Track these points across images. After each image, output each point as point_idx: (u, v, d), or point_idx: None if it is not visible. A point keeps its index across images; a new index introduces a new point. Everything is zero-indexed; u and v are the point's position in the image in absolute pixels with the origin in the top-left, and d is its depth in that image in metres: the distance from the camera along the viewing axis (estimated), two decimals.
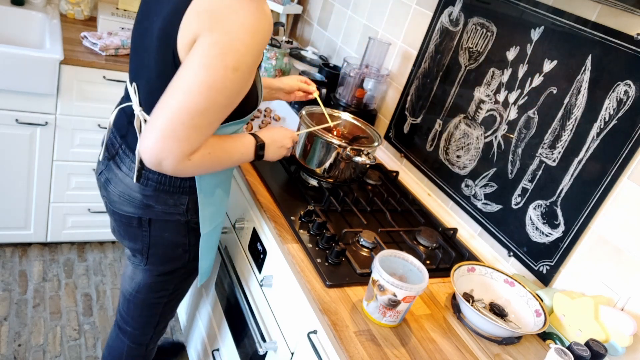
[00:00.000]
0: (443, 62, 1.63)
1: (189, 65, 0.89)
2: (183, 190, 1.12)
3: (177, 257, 1.24)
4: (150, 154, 0.93)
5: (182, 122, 0.90)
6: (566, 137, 1.24)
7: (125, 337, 1.41)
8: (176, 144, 0.91)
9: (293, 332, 1.20)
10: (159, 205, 1.13)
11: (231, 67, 0.89)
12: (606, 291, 1.14)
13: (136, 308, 1.35)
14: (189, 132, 0.91)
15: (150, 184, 1.11)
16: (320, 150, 1.41)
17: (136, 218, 1.15)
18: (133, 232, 1.18)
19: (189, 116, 0.90)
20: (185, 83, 0.89)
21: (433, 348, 1.05)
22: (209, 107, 0.91)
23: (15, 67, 1.76)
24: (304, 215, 1.31)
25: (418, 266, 1.09)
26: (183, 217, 1.16)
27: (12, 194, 2.03)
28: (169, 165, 0.94)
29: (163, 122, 0.90)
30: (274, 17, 2.61)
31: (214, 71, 0.88)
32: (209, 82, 0.88)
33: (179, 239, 1.20)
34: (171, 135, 0.91)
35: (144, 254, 1.22)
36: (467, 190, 1.51)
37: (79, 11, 2.23)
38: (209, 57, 0.88)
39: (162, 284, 1.30)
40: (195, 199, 1.14)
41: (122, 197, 1.14)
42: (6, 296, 2.00)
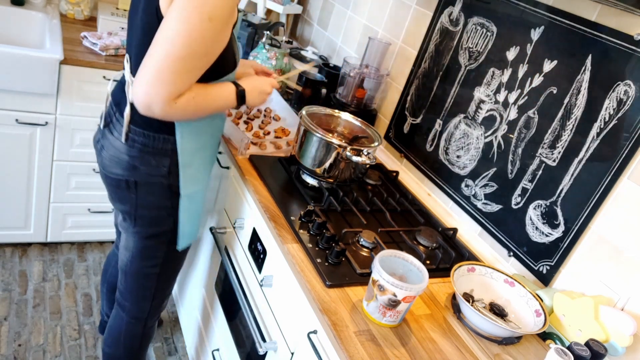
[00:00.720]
0: (443, 62, 1.63)
1: (170, 17, 1.01)
2: (165, 152, 1.21)
3: (162, 220, 1.30)
4: (141, 98, 1.05)
5: (166, 68, 1.02)
6: (566, 137, 1.24)
7: (124, 313, 1.47)
8: (162, 87, 1.03)
9: (293, 332, 1.20)
10: (143, 166, 1.21)
11: (206, 17, 0.99)
12: (606, 291, 1.15)
13: (132, 279, 1.41)
14: (173, 77, 1.03)
15: (136, 145, 1.20)
16: (320, 150, 1.41)
17: (124, 180, 1.24)
18: (122, 195, 1.27)
19: (172, 62, 1.01)
20: (167, 33, 1.01)
21: (433, 348, 1.05)
22: (189, 53, 1.02)
23: (15, 67, 1.76)
24: (304, 215, 1.31)
25: (418, 266, 1.09)
26: (165, 180, 1.24)
27: (12, 194, 2.03)
28: (158, 107, 1.05)
29: (150, 69, 1.02)
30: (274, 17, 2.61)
31: (191, 21, 0.99)
32: (188, 31, 1.00)
33: (162, 202, 1.27)
34: (157, 79, 1.02)
35: (131, 215, 1.29)
36: (467, 190, 1.51)
37: (79, 11, 2.23)
38: (186, 10, 0.99)
39: (152, 250, 1.35)
40: (176, 162, 1.22)
41: (112, 160, 1.24)
42: (6, 296, 2.00)
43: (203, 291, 1.80)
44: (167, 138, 1.20)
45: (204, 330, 1.77)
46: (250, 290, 1.44)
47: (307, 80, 1.90)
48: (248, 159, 1.55)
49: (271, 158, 1.58)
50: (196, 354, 1.83)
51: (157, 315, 1.53)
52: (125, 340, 1.50)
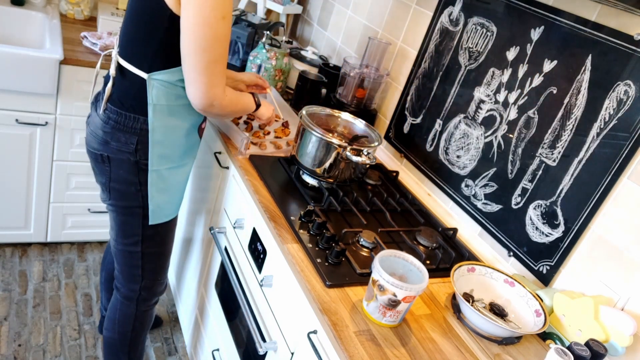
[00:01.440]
0: (443, 62, 1.63)
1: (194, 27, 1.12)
2: (134, 131, 1.29)
3: (131, 195, 1.38)
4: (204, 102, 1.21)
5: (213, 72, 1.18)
6: (566, 137, 1.24)
7: (118, 294, 1.55)
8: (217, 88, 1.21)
9: (293, 332, 1.20)
10: (113, 142, 1.30)
11: (221, 17, 1.12)
12: (606, 291, 1.14)
13: (119, 258, 1.49)
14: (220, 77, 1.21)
15: (110, 122, 1.29)
16: (320, 150, 1.41)
17: (99, 154, 1.33)
18: (100, 168, 1.37)
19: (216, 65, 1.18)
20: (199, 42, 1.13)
21: (433, 348, 1.05)
22: (221, 52, 1.18)
23: (15, 67, 1.76)
24: (304, 215, 1.31)
25: (418, 266, 1.09)
26: (132, 156, 1.32)
27: (12, 194, 2.03)
28: (218, 103, 1.23)
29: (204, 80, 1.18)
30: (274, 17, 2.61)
31: (213, 26, 1.12)
32: (215, 36, 1.13)
33: (130, 177, 1.35)
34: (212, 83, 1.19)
35: (106, 187, 1.39)
36: (467, 190, 1.51)
37: (79, 11, 2.23)
38: (205, 17, 1.11)
39: (129, 226, 1.42)
40: (143, 140, 1.30)
41: (92, 135, 1.34)
42: (6, 296, 2.00)
43: (203, 291, 1.80)
44: (137, 117, 1.28)
45: (203, 330, 1.77)
46: (250, 290, 1.44)
47: (307, 80, 1.90)
48: (248, 159, 1.55)
49: (271, 158, 1.58)
50: (196, 354, 1.83)
51: (150, 300, 1.58)
52: (120, 322, 1.56)
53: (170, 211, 1.46)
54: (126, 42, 1.25)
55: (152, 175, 1.35)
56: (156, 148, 1.32)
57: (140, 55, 1.23)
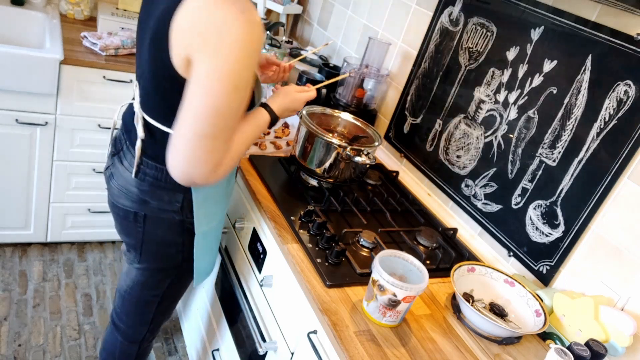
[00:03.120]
0: (443, 62, 1.63)
1: (194, 91, 0.93)
2: (179, 187, 1.13)
3: (170, 256, 1.25)
4: (182, 178, 1.00)
5: (199, 148, 0.95)
6: (566, 137, 1.24)
7: (118, 334, 1.43)
8: (200, 166, 0.97)
9: (293, 332, 1.20)
10: (154, 200, 1.15)
11: (232, 88, 0.93)
12: (606, 291, 1.14)
13: (130, 305, 1.36)
14: (209, 155, 0.97)
15: (147, 179, 1.13)
16: (320, 150, 1.41)
17: (132, 212, 1.17)
18: (129, 227, 1.21)
19: (205, 141, 0.95)
20: (194, 110, 0.94)
21: (433, 348, 1.05)
22: (221, 128, 0.96)
23: (15, 67, 1.76)
24: (304, 215, 1.31)
25: (418, 266, 1.09)
26: (178, 215, 1.17)
27: (12, 194, 2.03)
28: (201, 183, 1.01)
29: (184, 150, 0.96)
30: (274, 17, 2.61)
31: (218, 96, 0.92)
32: (215, 107, 0.93)
33: (172, 238, 1.21)
34: (193, 160, 0.97)
35: (137, 249, 1.24)
36: (467, 190, 1.51)
37: (79, 11, 2.23)
38: (211, 83, 0.91)
39: (156, 283, 1.30)
40: (190, 197, 1.15)
41: (121, 191, 1.17)
42: (6, 296, 2.00)
43: (203, 291, 1.80)
44: None
45: (204, 330, 1.77)
46: (250, 290, 1.44)
47: (307, 80, 1.90)
48: (248, 159, 1.55)
49: (271, 158, 1.58)
50: (196, 354, 1.83)
51: (153, 337, 1.49)
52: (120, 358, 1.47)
53: (210, 268, 1.36)
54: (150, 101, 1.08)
55: (198, 237, 1.21)
56: (202, 208, 1.18)
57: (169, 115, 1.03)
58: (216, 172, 1.01)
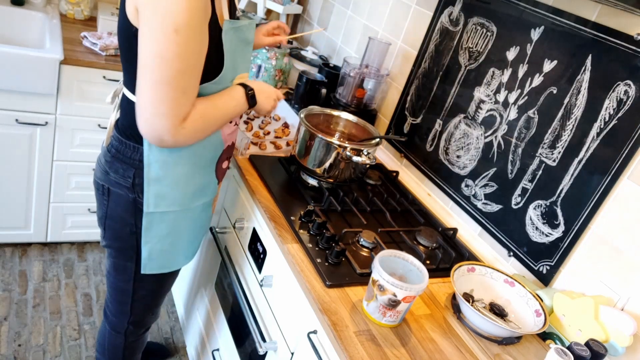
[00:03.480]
0: (443, 62, 1.63)
1: (141, 41, 0.95)
2: (132, 162, 1.14)
3: (125, 237, 1.22)
4: (149, 135, 1.01)
5: (156, 98, 0.96)
6: (566, 137, 1.24)
7: (106, 322, 1.46)
8: (162, 119, 0.98)
9: (293, 332, 1.20)
10: (112, 172, 1.17)
11: (171, 31, 0.92)
12: (606, 291, 1.14)
13: (110, 290, 1.38)
14: (167, 104, 0.97)
15: (112, 150, 1.16)
16: (320, 150, 1.41)
17: (100, 184, 1.20)
18: (99, 199, 1.23)
19: (159, 90, 0.95)
20: (143, 60, 0.95)
21: (433, 348, 1.05)
22: (171, 74, 0.95)
23: (15, 67, 1.76)
24: (304, 215, 1.31)
25: (418, 266, 1.09)
26: (130, 192, 1.16)
27: (12, 194, 2.03)
28: (168, 137, 1.00)
29: (142, 103, 0.98)
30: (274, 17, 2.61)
31: (160, 41, 0.93)
32: (160, 53, 0.93)
33: (126, 217, 1.19)
34: (154, 112, 0.97)
35: (102, 223, 1.25)
36: (467, 190, 1.51)
37: (79, 11, 2.23)
38: (152, 30, 0.93)
39: (121, 266, 1.28)
40: (142, 175, 1.14)
41: (97, 162, 1.22)
42: (6, 296, 2.00)
43: (203, 291, 1.80)
44: (136, 147, 1.12)
45: (204, 330, 1.77)
46: (250, 290, 1.44)
47: (307, 80, 1.90)
48: (248, 159, 1.55)
49: (271, 158, 1.58)
50: (196, 354, 1.83)
51: (138, 333, 1.48)
52: (109, 349, 1.48)
53: (171, 262, 1.29)
54: (124, 72, 1.12)
55: (146, 218, 1.17)
56: (152, 186, 1.14)
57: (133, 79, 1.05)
58: (183, 127, 1.00)
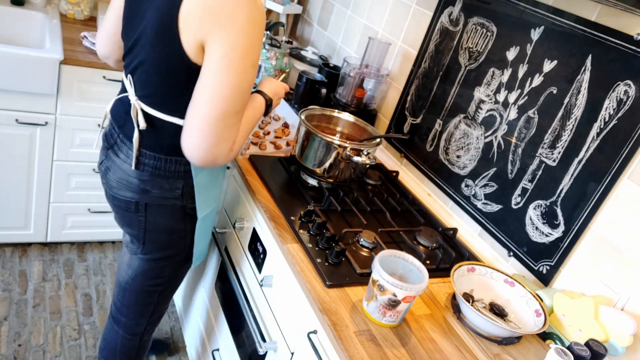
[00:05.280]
0: (443, 62, 1.63)
1: (215, 72, 0.98)
2: (179, 175, 1.18)
3: (173, 243, 1.27)
4: (205, 159, 1.05)
5: (223, 127, 1.02)
6: (566, 137, 1.24)
7: (119, 328, 1.44)
8: (223, 144, 1.04)
9: (293, 332, 1.20)
10: (155, 189, 1.18)
11: (250, 65, 1.00)
12: (606, 291, 1.14)
13: (131, 296, 1.38)
14: (230, 132, 1.05)
15: (147, 169, 1.16)
16: (320, 150, 1.41)
17: (133, 202, 1.20)
18: (130, 217, 1.23)
19: (229, 118, 1.02)
20: (217, 90, 0.99)
21: (433, 348, 1.05)
22: (241, 105, 1.04)
23: (15, 67, 1.76)
24: (304, 215, 1.31)
25: (418, 266, 1.09)
26: (179, 201, 1.21)
27: (12, 194, 2.03)
28: (223, 160, 1.07)
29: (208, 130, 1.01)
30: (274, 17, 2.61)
31: (240, 73, 0.99)
32: (240, 85, 1.00)
33: (174, 225, 1.24)
34: (217, 139, 1.03)
35: (140, 239, 1.26)
36: (467, 190, 1.51)
37: (79, 11, 2.23)
38: (232, 62, 0.97)
39: (158, 271, 1.33)
40: (190, 183, 1.19)
41: (120, 183, 1.19)
42: (6, 296, 2.00)
43: (203, 291, 1.80)
44: (178, 160, 1.16)
45: (204, 330, 1.77)
46: (250, 290, 1.44)
47: (307, 80, 1.90)
48: (248, 159, 1.55)
49: (271, 158, 1.58)
50: (196, 354, 1.83)
51: (154, 330, 1.51)
52: (122, 353, 1.48)
53: (205, 250, 1.40)
54: (151, 91, 1.10)
55: (200, 222, 1.26)
56: (202, 193, 1.22)
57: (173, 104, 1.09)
58: (233, 149, 1.08)
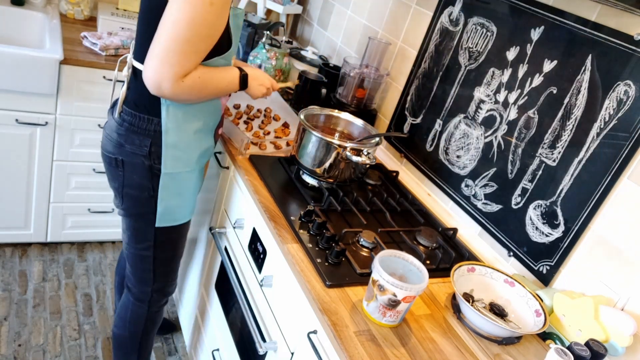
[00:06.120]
0: (443, 62, 1.63)
1: (173, 5, 1.08)
2: (148, 133, 1.27)
3: (144, 201, 1.35)
4: (152, 78, 1.12)
5: (173, 49, 1.10)
6: (566, 137, 1.24)
7: (130, 295, 1.55)
8: (170, 67, 1.11)
9: (293, 332, 1.20)
10: (127, 144, 1.28)
11: (208, 1, 1.07)
12: (606, 291, 1.15)
13: (131, 261, 1.48)
14: (179, 57, 1.11)
15: (125, 124, 1.27)
16: (320, 150, 1.41)
17: (114, 158, 1.31)
18: (113, 172, 1.34)
19: (178, 44, 1.10)
20: (173, 17, 1.08)
21: (433, 348, 1.05)
22: (192, 35, 1.10)
23: (15, 67, 1.76)
24: (303, 215, 1.31)
25: (418, 266, 1.09)
26: (147, 160, 1.29)
27: (12, 194, 2.03)
28: (167, 85, 1.13)
29: (158, 51, 1.11)
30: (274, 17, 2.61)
31: (195, 5, 1.07)
32: (191, 15, 1.07)
33: (144, 183, 1.32)
34: (166, 60, 1.11)
35: (120, 193, 1.36)
36: (467, 190, 1.51)
37: (79, 11, 2.23)
38: None
39: (142, 232, 1.40)
40: (157, 143, 1.27)
41: (107, 138, 1.32)
42: (6, 296, 2.00)
43: (203, 291, 1.80)
44: (150, 119, 1.26)
45: (203, 330, 1.77)
46: (250, 290, 1.44)
47: (307, 80, 1.90)
48: (248, 159, 1.55)
49: (271, 158, 1.58)
50: (196, 354, 1.83)
51: (161, 301, 1.58)
52: (131, 321, 1.56)
53: (180, 215, 1.43)
54: (139, 44, 1.23)
55: (164, 178, 1.32)
56: (169, 150, 1.29)
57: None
58: (181, 82, 1.14)
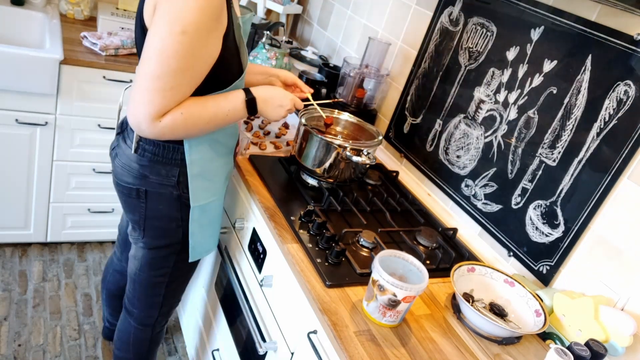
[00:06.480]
0: (443, 62, 1.63)
1: (148, 37, 1.01)
2: (174, 162, 1.20)
3: (171, 232, 1.29)
4: (131, 121, 1.05)
5: (144, 87, 1.01)
6: (566, 137, 1.24)
7: (131, 319, 1.47)
8: (143, 107, 1.02)
9: (293, 332, 1.20)
10: (153, 175, 1.21)
11: (179, 30, 0.97)
12: (606, 291, 1.15)
13: (140, 287, 1.40)
14: (151, 96, 1.01)
15: (147, 154, 1.19)
16: (320, 150, 1.41)
17: (134, 189, 1.23)
18: (132, 204, 1.26)
19: (148, 81, 1.00)
20: (144, 52, 1.01)
21: (433, 348, 1.05)
22: (164, 71, 1.00)
23: (15, 67, 1.76)
24: (303, 215, 1.31)
25: (418, 266, 1.09)
26: (175, 190, 1.22)
27: (12, 194, 2.03)
28: (144, 127, 1.04)
29: (134, 90, 1.03)
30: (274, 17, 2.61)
31: (163, 37, 0.97)
32: (160, 48, 0.98)
33: (172, 213, 1.26)
34: (139, 100, 1.02)
35: (140, 226, 1.28)
36: (467, 190, 1.51)
37: (79, 11, 2.23)
38: (159, 26, 0.98)
39: (161, 261, 1.34)
40: (185, 172, 1.21)
41: (123, 168, 1.23)
42: (6, 296, 2.00)
43: (203, 291, 1.80)
44: (176, 147, 1.18)
45: (204, 330, 1.77)
46: (250, 290, 1.44)
47: (307, 80, 1.90)
48: (248, 159, 1.55)
49: (271, 158, 1.58)
50: (196, 354, 1.83)
51: (165, 321, 1.53)
52: (134, 345, 1.51)
53: (210, 245, 1.39)
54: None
55: (195, 212, 1.26)
56: (197, 181, 1.23)
57: None
58: (158, 122, 1.04)
